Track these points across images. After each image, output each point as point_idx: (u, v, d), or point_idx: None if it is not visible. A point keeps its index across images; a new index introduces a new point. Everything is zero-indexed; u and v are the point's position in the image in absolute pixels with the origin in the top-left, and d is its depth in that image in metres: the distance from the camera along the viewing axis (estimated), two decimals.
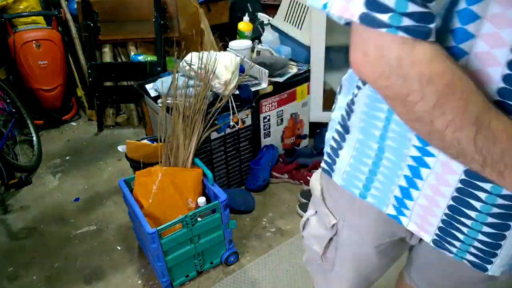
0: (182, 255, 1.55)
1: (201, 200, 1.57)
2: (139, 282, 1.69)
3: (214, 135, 1.86)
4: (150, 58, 2.66)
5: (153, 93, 1.95)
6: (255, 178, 2.08)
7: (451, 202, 0.62)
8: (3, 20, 2.62)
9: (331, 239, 0.84)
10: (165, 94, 1.72)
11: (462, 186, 0.59)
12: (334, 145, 0.75)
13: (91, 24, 2.66)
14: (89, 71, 2.69)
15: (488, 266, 0.67)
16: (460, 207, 0.61)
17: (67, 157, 2.57)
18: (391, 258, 0.86)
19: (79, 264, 1.79)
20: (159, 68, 2.57)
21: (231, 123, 1.89)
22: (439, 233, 0.67)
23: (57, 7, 2.81)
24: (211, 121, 1.75)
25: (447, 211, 0.63)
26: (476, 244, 0.65)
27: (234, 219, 1.62)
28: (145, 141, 1.82)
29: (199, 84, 1.71)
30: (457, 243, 0.66)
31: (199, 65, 1.72)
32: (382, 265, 0.87)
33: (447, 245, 0.67)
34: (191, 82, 1.76)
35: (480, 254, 0.66)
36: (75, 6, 2.71)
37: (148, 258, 1.72)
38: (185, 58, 1.83)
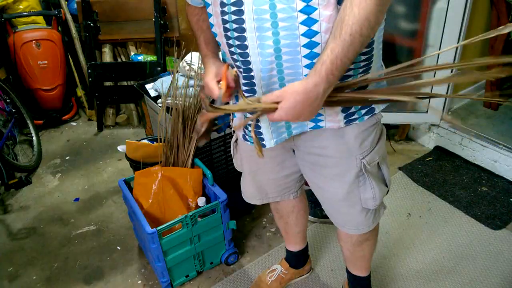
0: (182, 255, 1.55)
1: (201, 200, 1.57)
2: (139, 282, 1.69)
3: (214, 135, 1.85)
4: (150, 58, 2.66)
5: (153, 93, 1.95)
6: None
7: None
8: (3, 20, 2.62)
9: (235, 141, 1.28)
10: (165, 94, 1.72)
11: None
12: None
13: (91, 24, 2.66)
14: (89, 71, 2.69)
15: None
16: None
17: (67, 157, 2.57)
18: (279, 162, 1.18)
19: (79, 264, 1.79)
20: (159, 68, 2.57)
21: (231, 123, 1.88)
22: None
23: (57, 7, 2.81)
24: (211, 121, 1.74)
25: None
26: None
27: (234, 219, 1.62)
28: (145, 141, 1.81)
29: (199, 84, 1.71)
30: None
31: (199, 65, 1.72)
32: (270, 164, 1.19)
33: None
34: (191, 82, 1.76)
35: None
36: (75, 6, 2.71)
37: (148, 258, 1.72)
38: (185, 58, 1.83)
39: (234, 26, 0.84)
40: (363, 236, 1.21)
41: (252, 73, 0.90)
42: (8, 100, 2.45)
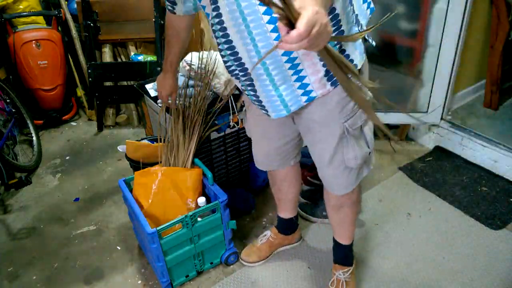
0: (182, 255, 1.55)
1: (201, 200, 1.57)
2: (139, 282, 1.69)
3: (214, 135, 1.85)
4: (150, 58, 2.66)
5: (153, 93, 1.95)
6: (255, 178, 2.08)
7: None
8: (3, 20, 2.62)
9: (245, 110, 1.40)
10: None
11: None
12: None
13: (91, 24, 2.66)
14: (89, 71, 2.69)
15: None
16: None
17: (67, 157, 2.57)
18: (282, 129, 1.31)
19: (79, 264, 1.79)
20: (159, 68, 2.57)
21: (231, 123, 1.89)
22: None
23: (57, 7, 2.81)
24: (211, 121, 1.75)
25: None
26: None
27: (234, 219, 1.62)
28: (145, 141, 1.82)
29: (199, 84, 1.71)
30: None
31: (199, 65, 1.72)
32: (275, 128, 1.31)
33: None
34: (191, 82, 1.76)
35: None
36: (75, 6, 2.71)
37: (148, 258, 1.72)
38: (185, 58, 1.83)
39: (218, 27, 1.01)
40: (339, 200, 1.36)
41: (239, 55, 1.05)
42: (8, 100, 2.45)
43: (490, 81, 2.41)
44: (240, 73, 1.10)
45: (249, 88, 1.14)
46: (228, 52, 1.06)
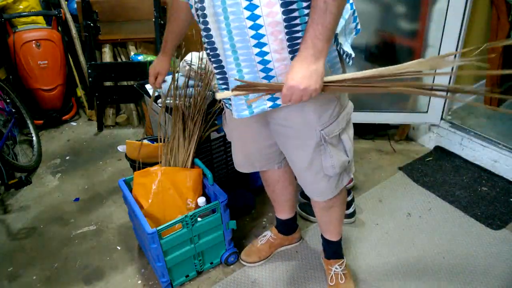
0: (182, 255, 1.55)
1: (201, 200, 1.57)
2: (139, 282, 1.69)
3: (214, 135, 1.85)
4: (150, 58, 2.66)
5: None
6: (255, 178, 2.08)
7: None
8: (3, 20, 2.62)
9: (224, 113, 1.42)
10: (165, 94, 1.72)
11: None
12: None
13: (91, 24, 2.66)
14: (89, 71, 2.69)
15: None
16: None
17: (67, 157, 2.57)
18: (261, 134, 1.31)
19: (79, 264, 1.79)
20: None
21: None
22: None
23: (57, 7, 2.81)
24: (211, 121, 1.75)
25: None
26: None
27: (234, 219, 1.62)
28: (145, 141, 1.81)
29: (199, 84, 1.71)
30: None
31: (199, 65, 1.72)
32: (250, 134, 1.33)
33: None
34: (191, 82, 1.76)
35: None
36: (75, 6, 2.72)
37: (148, 258, 1.72)
38: (185, 58, 1.83)
39: (200, 13, 1.03)
40: (328, 203, 1.36)
41: (217, 52, 1.07)
42: (8, 100, 2.45)
43: (490, 81, 2.41)
44: (214, 64, 1.10)
45: (220, 82, 1.14)
46: (206, 40, 1.07)
